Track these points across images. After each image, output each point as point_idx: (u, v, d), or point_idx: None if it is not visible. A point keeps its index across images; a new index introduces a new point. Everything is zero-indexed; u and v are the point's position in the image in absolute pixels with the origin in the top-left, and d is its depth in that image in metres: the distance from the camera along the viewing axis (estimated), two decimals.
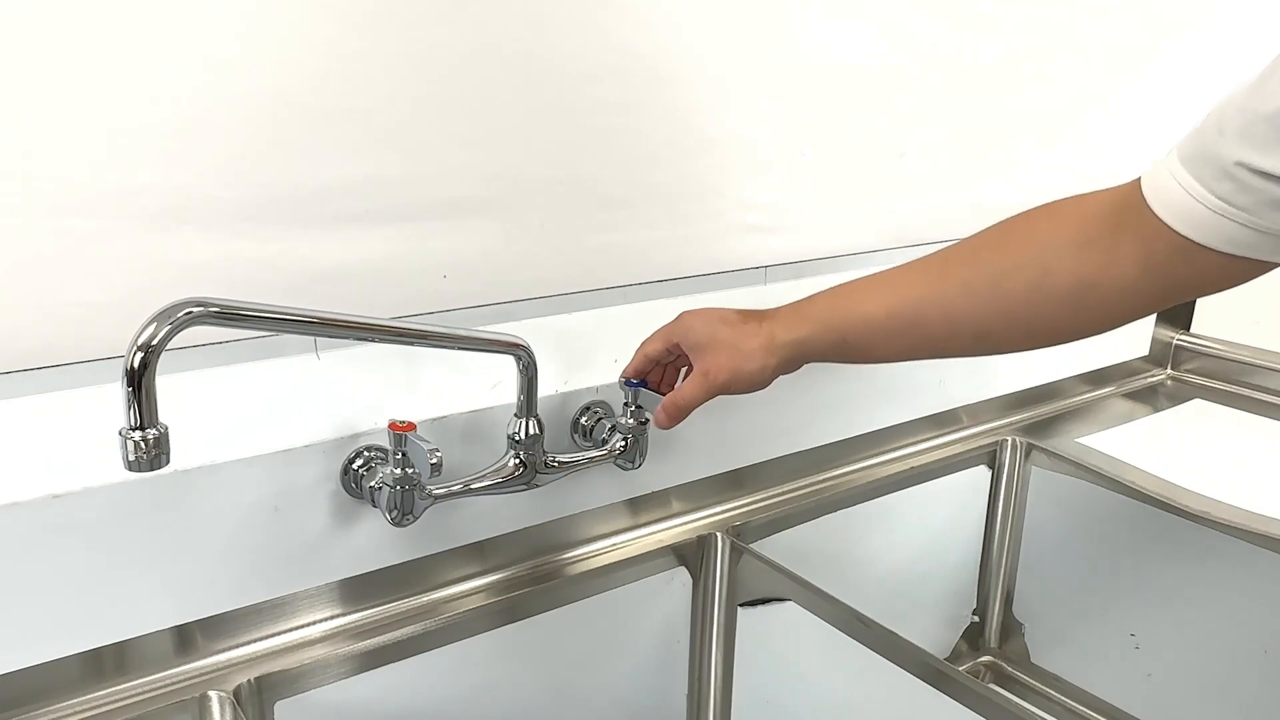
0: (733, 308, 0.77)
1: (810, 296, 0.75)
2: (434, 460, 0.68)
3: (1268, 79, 0.52)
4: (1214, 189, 0.54)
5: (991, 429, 1.17)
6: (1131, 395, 1.31)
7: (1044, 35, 1.15)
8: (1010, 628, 1.19)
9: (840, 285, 0.74)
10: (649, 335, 0.80)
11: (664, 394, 0.79)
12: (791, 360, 0.74)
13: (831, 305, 0.73)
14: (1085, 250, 0.62)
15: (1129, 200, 0.61)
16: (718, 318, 0.75)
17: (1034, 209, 0.68)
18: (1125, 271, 0.61)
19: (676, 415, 0.76)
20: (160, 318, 0.53)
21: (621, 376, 0.81)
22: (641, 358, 0.79)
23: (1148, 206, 0.59)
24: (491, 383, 0.80)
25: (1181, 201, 0.56)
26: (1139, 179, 0.61)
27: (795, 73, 0.96)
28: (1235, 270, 0.58)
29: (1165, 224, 0.57)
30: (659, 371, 0.81)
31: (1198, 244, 0.56)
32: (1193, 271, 0.59)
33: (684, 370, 0.81)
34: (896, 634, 0.77)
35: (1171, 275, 0.60)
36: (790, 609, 0.86)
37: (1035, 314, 0.65)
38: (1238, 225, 0.54)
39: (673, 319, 0.78)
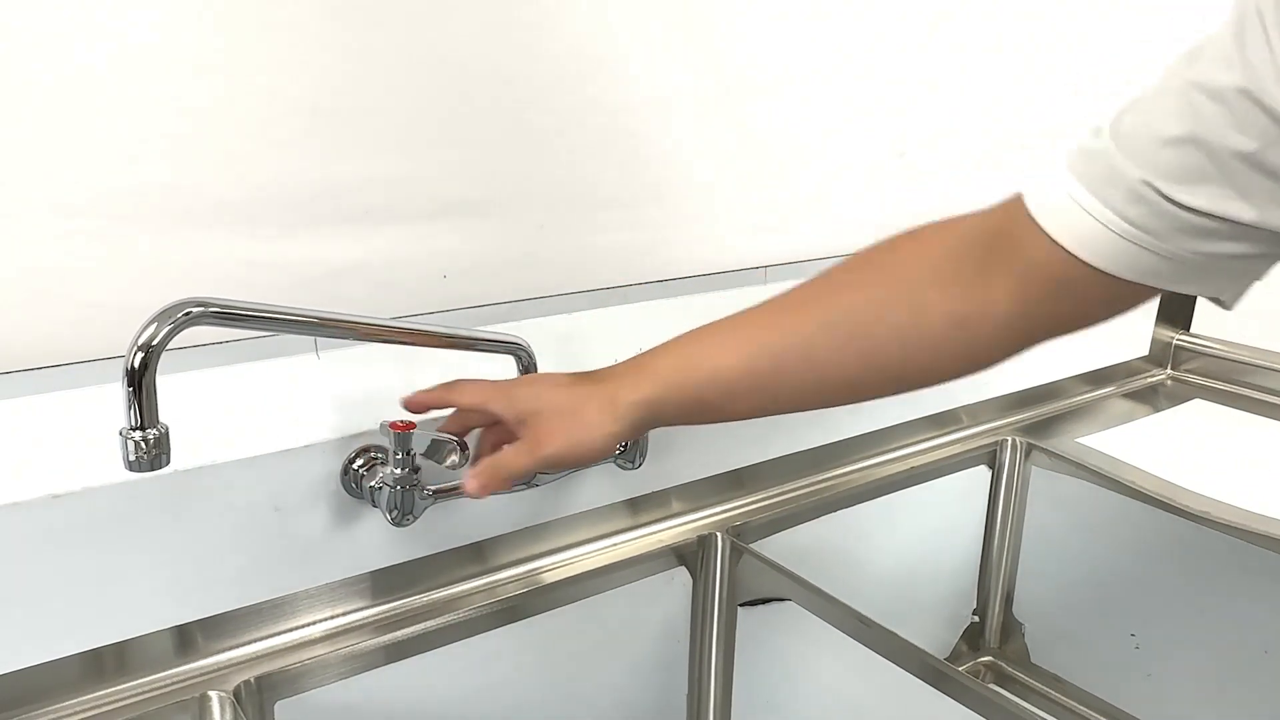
0: (565, 373, 0.68)
1: (653, 350, 0.65)
2: (461, 447, 0.68)
3: (1162, 96, 0.50)
4: (1123, 212, 0.50)
5: (991, 429, 1.17)
6: (1131, 395, 1.31)
7: (1045, 34, 1.15)
8: (1010, 628, 1.19)
9: (688, 334, 0.65)
10: (467, 381, 0.67)
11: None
12: (641, 424, 0.64)
13: (681, 358, 0.64)
14: (955, 285, 0.58)
15: (1005, 225, 0.56)
16: (549, 383, 0.66)
17: (898, 236, 0.63)
18: (1000, 306, 0.57)
19: (493, 484, 0.63)
20: (160, 318, 0.53)
21: (408, 402, 0.67)
22: (441, 401, 0.67)
23: (1041, 232, 0.54)
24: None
25: (1082, 224, 0.52)
26: (1018, 200, 0.56)
27: (794, 74, 0.96)
28: (1123, 299, 0.55)
29: (1062, 248, 0.53)
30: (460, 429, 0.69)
31: (1102, 271, 0.52)
32: (1075, 300, 0.55)
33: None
34: (896, 634, 0.77)
35: (1049, 308, 0.56)
36: (790, 609, 0.86)
37: (905, 357, 0.60)
38: (1145, 251, 0.51)
39: (500, 382, 0.67)
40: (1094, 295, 0.55)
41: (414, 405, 0.68)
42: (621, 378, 0.64)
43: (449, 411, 0.71)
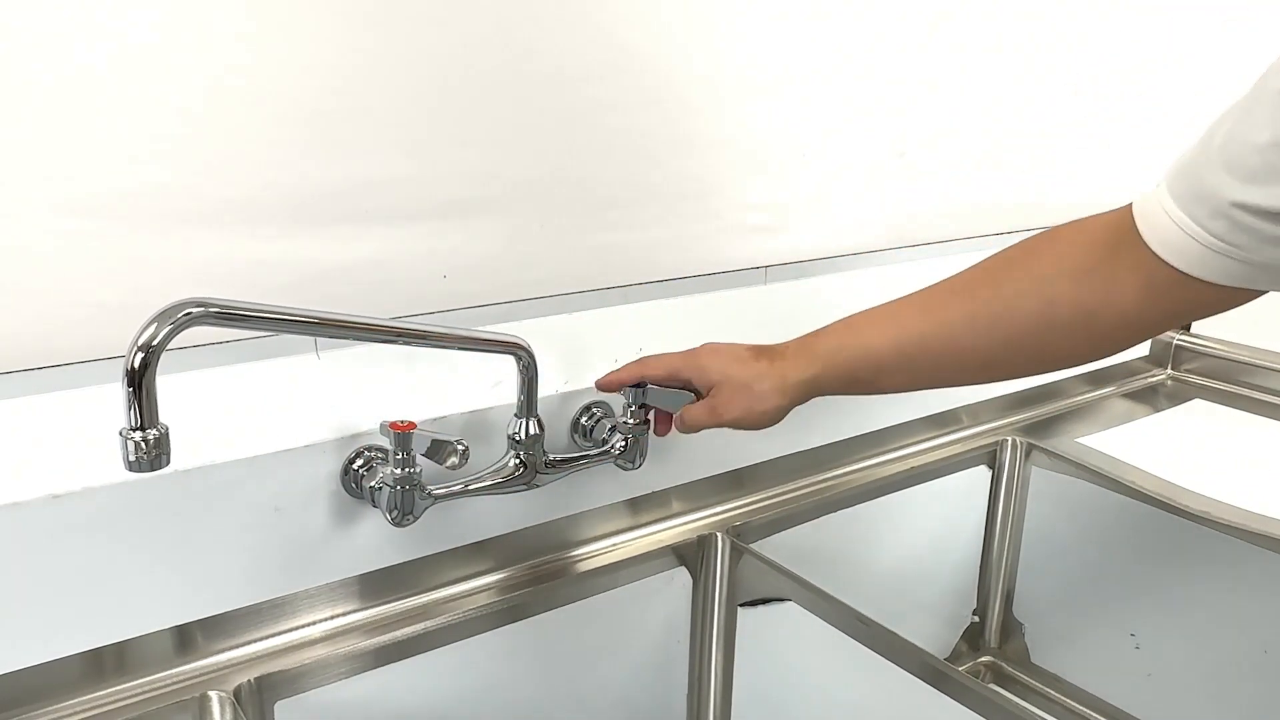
0: (745, 344, 0.78)
1: (818, 332, 0.76)
2: (462, 447, 0.70)
3: (1254, 106, 0.52)
4: (1208, 226, 0.54)
5: (991, 429, 1.17)
6: (1131, 395, 1.31)
7: (1045, 34, 1.15)
8: (1010, 628, 1.19)
9: (847, 319, 0.75)
10: (654, 356, 0.79)
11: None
12: (804, 397, 0.75)
13: (839, 342, 0.74)
14: (1086, 279, 0.63)
15: (1124, 227, 0.61)
16: (732, 356, 0.76)
17: (1034, 237, 0.68)
18: (1125, 299, 0.61)
19: (683, 431, 0.79)
20: (160, 318, 0.53)
21: (600, 383, 0.80)
22: (635, 376, 0.79)
23: (1141, 239, 0.59)
24: (492, 383, 0.80)
25: (1175, 237, 0.56)
26: (1130, 206, 0.61)
27: (794, 74, 0.96)
28: (1234, 297, 0.58)
29: (1160, 258, 0.58)
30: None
31: (1194, 277, 0.57)
32: (1191, 298, 0.59)
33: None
34: (896, 634, 0.77)
35: (1171, 302, 0.60)
36: (790, 609, 0.86)
37: (1040, 343, 0.66)
38: (1234, 261, 0.54)
39: (687, 352, 0.78)
40: (1204, 295, 0.58)
41: (608, 385, 0.80)
42: (792, 358, 0.75)
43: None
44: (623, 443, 0.82)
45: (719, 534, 0.91)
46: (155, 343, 0.53)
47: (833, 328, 0.75)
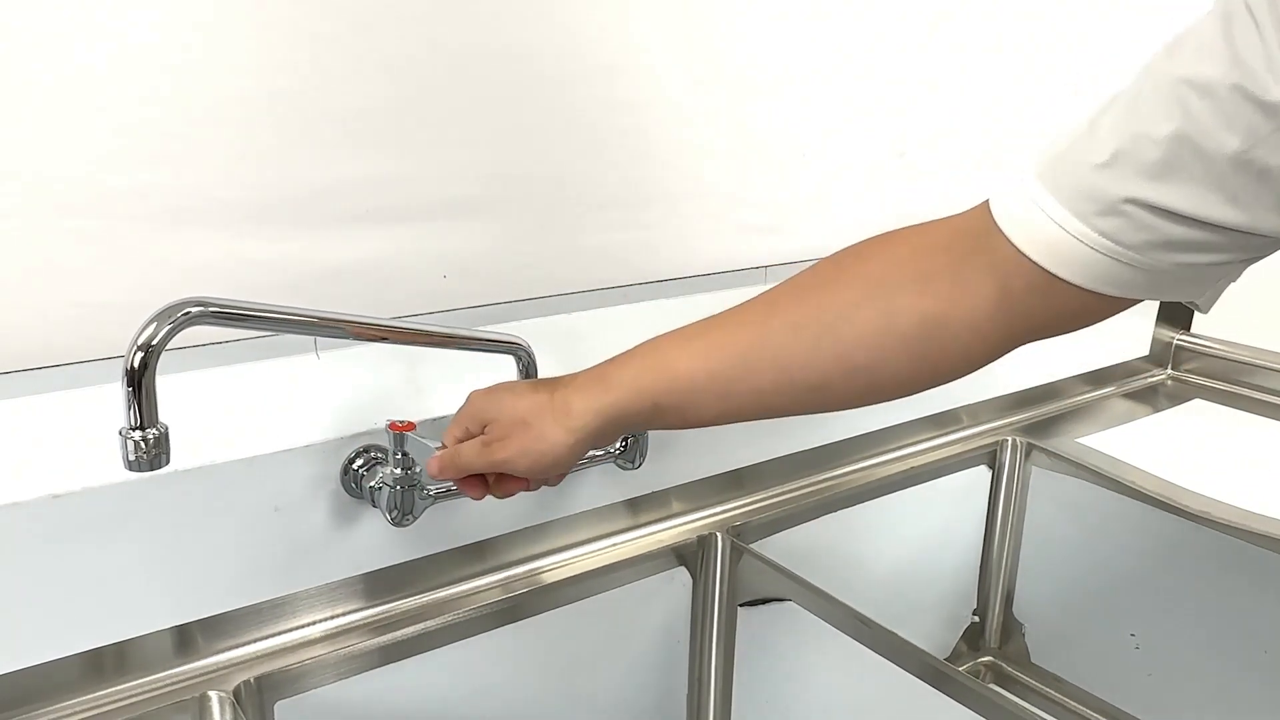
0: (528, 380, 0.70)
1: (616, 357, 0.65)
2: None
3: (1146, 95, 0.48)
4: (1096, 225, 0.49)
5: (991, 429, 1.17)
6: (1131, 395, 1.31)
7: (1045, 34, 1.15)
8: (1010, 628, 1.19)
9: (652, 341, 0.64)
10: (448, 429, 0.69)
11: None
12: (598, 433, 0.63)
13: (641, 366, 0.63)
14: (929, 283, 0.56)
15: (979, 228, 0.55)
16: (505, 390, 0.67)
17: (868, 240, 0.61)
18: (976, 305, 0.54)
19: (448, 471, 0.66)
20: (160, 317, 0.53)
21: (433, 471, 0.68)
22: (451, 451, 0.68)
23: (1005, 239, 0.52)
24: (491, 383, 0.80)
25: (1052, 237, 0.50)
26: (986, 205, 0.55)
27: (794, 74, 0.96)
28: (1101, 308, 0.53)
29: (1029, 259, 0.51)
30: None
31: (1069, 283, 0.51)
32: (1053, 307, 0.53)
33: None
34: (896, 634, 0.77)
35: (1028, 311, 0.54)
36: (790, 609, 0.86)
37: (878, 359, 0.57)
38: (1120, 264, 0.49)
39: (463, 404, 0.68)
40: (1069, 305, 0.53)
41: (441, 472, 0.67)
42: (579, 388, 0.63)
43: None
44: (622, 443, 0.82)
45: (719, 534, 0.91)
46: (155, 342, 0.53)
47: (633, 352, 0.64)
